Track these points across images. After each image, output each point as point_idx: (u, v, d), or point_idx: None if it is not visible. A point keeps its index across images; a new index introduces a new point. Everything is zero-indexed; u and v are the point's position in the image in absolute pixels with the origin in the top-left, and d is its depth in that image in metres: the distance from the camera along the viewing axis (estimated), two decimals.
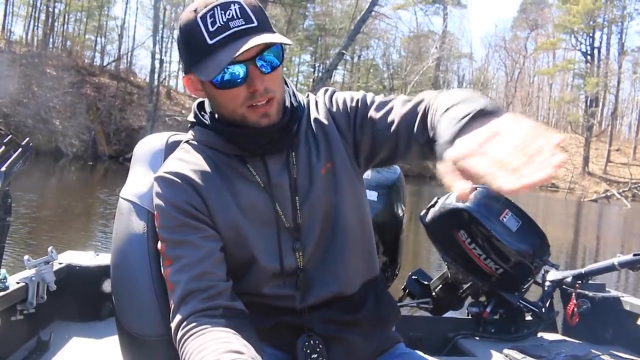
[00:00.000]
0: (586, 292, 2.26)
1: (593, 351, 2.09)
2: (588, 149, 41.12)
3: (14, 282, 1.84)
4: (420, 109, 1.11)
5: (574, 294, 2.25)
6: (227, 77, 1.04)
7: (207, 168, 1.14)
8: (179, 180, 1.12)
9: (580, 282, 2.26)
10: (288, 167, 1.16)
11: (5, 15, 28.62)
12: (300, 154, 1.18)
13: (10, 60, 21.69)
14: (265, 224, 1.14)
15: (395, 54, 43.46)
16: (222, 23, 1.01)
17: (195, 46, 1.04)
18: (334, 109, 1.23)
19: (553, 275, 2.30)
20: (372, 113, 1.18)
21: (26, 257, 1.91)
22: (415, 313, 2.42)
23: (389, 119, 1.15)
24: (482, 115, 0.89)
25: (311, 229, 1.16)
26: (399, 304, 2.36)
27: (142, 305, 1.20)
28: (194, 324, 1.01)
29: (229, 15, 1.02)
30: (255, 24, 1.03)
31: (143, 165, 1.34)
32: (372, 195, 2.04)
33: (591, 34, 45.08)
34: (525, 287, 2.23)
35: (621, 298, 2.27)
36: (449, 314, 2.41)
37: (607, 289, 2.35)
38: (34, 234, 6.80)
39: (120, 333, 1.25)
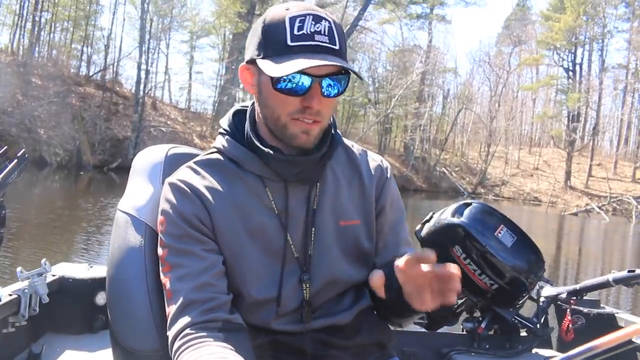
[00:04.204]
0: (581, 308, 2.27)
1: None
2: (570, 163, 41.68)
3: (6, 294, 1.82)
4: None
5: (568, 310, 2.25)
6: (290, 83, 1.04)
7: (220, 186, 1.13)
8: (190, 192, 1.12)
9: (575, 298, 2.27)
10: (309, 197, 1.15)
11: None
12: (328, 189, 1.18)
13: None
14: (271, 251, 1.13)
15: (380, 67, 43.72)
16: (308, 32, 1.02)
17: (273, 42, 1.04)
18: (386, 190, 1.26)
19: (548, 291, 2.30)
20: (382, 238, 1.26)
21: (19, 268, 1.88)
22: (409, 328, 2.40)
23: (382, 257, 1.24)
24: None
25: (322, 263, 1.16)
26: None
27: (137, 319, 1.19)
28: (191, 335, 1.01)
29: (317, 28, 1.02)
30: (337, 47, 1.04)
31: (142, 178, 1.33)
32: None
33: (573, 51, 45.93)
34: (520, 302, 2.23)
35: (616, 314, 2.28)
36: (444, 329, 2.40)
37: (601, 305, 2.36)
38: (20, 245, 6.70)
39: (114, 346, 1.24)
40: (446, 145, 43.92)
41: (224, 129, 1.20)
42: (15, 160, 1.70)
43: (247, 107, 1.22)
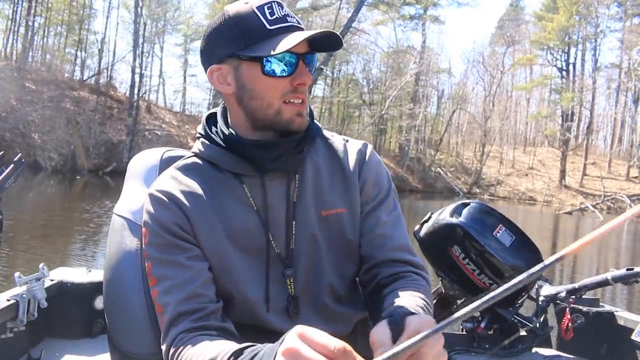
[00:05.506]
0: (580, 307, 2.26)
1: None
2: (565, 162, 41.77)
3: (4, 299, 1.81)
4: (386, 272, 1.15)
5: (568, 308, 2.24)
6: (276, 65, 1.06)
7: (198, 190, 1.12)
8: (168, 200, 1.10)
9: (574, 296, 2.26)
10: (289, 189, 1.14)
11: None
12: (308, 180, 1.16)
13: None
14: (254, 250, 1.12)
15: (374, 68, 43.85)
16: (280, 15, 1.07)
17: (250, 32, 1.06)
18: (366, 168, 1.22)
19: (547, 290, 2.29)
20: (365, 224, 1.19)
21: (17, 273, 1.87)
22: None
23: (367, 246, 1.18)
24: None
25: (304, 256, 1.14)
26: None
27: (135, 323, 1.19)
28: (186, 338, 1.00)
29: (284, 12, 1.08)
30: (304, 27, 1.10)
31: (137, 181, 1.33)
32: None
33: (566, 51, 46.08)
34: (519, 302, 2.23)
35: (615, 313, 2.28)
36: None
37: (601, 303, 2.36)
38: (18, 250, 6.67)
39: (112, 351, 1.24)
40: (441, 146, 44.00)
41: (199, 133, 1.20)
42: (12, 165, 1.69)
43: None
